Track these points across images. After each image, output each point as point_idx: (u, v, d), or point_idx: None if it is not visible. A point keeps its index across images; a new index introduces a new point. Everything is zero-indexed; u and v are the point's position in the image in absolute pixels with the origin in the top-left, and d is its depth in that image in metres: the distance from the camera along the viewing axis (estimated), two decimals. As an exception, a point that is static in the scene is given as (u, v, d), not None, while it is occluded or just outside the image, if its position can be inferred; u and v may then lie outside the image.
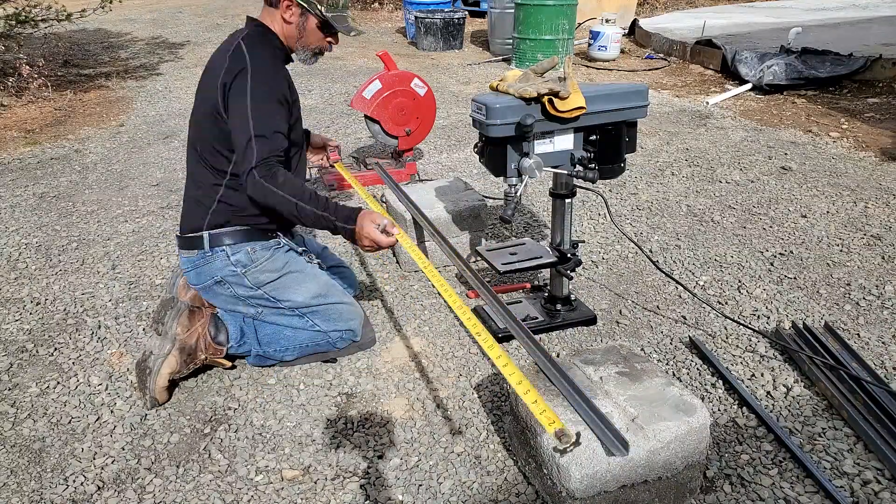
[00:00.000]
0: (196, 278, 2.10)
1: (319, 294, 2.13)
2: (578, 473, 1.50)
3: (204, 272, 2.08)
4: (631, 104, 2.12)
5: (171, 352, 2.02)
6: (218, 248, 2.04)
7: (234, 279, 2.07)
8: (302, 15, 2.04)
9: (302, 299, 2.11)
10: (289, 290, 2.10)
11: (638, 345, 2.32)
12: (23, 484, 1.80)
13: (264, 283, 2.08)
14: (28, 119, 5.33)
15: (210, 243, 2.04)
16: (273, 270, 2.09)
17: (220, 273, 2.06)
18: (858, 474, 1.74)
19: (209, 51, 8.48)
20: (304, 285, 2.12)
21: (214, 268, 2.06)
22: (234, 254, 2.04)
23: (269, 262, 2.08)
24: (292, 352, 2.16)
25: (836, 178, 3.76)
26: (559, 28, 6.80)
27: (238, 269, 2.05)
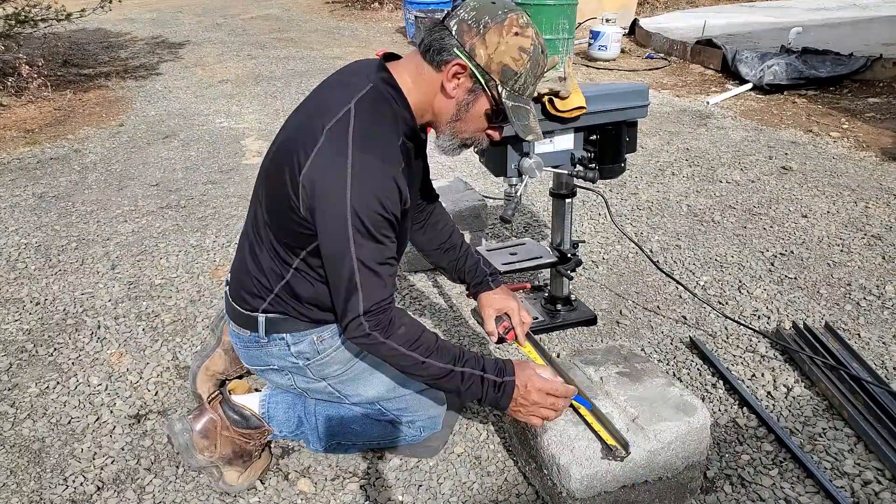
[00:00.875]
0: (247, 358, 1.73)
1: (396, 385, 1.69)
2: (579, 474, 1.50)
3: (257, 357, 1.69)
4: (631, 104, 2.12)
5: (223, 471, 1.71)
6: (276, 335, 1.62)
7: (295, 370, 1.67)
8: (472, 92, 1.43)
9: (375, 393, 1.69)
10: (358, 382, 1.68)
11: (638, 345, 2.32)
12: (22, 484, 1.79)
13: (330, 375, 1.67)
14: (27, 119, 5.33)
15: (266, 329, 1.62)
16: (342, 361, 1.66)
17: (279, 363, 1.67)
18: (859, 474, 1.74)
19: (209, 50, 8.50)
20: (376, 376, 1.68)
21: (270, 354, 1.66)
22: (294, 343, 1.62)
23: (339, 353, 1.64)
24: (360, 447, 1.81)
25: (836, 177, 3.76)
26: (559, 27, 6.77)
27: (300, 360, 1.64)
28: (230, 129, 5.00)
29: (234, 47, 8.21)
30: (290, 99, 5.78)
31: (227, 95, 6.00)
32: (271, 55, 7.66)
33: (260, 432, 1.74)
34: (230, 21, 10.35)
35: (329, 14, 10.98)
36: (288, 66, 7.07)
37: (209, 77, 6.75)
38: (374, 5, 11.18)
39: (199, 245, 3.15)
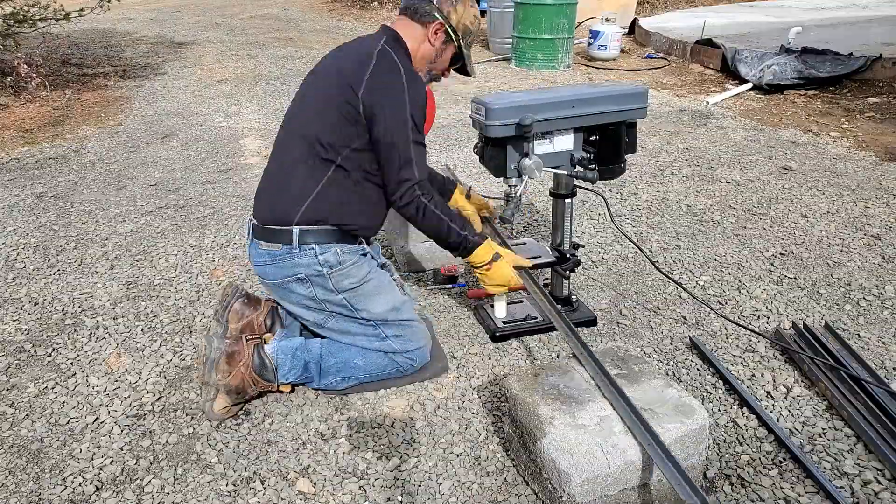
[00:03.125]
0: (274, 272, 1.99)
1: (395, 308, 2.04)
2: (579, 478, 1.49)
3: (286, 267, 1.96)
4: (631, 105, 2.12)
5: (217, 396, 1.94)
6: (306, 246, 1.94)
7: (319, 279, 1.96)
8: (445, 42, 2.06)
9: (380, 311, 2.02)
10: (368, 298, 2.01)
11: (638, 345, 2.32)
12: (21, 484, 1.79)
13: (346, 288, 1.98)
14: (26, 119, 5.32)
15: (299, 239, 1.93)
16: (357, 276, 1.99)
17: (305, 271, 1.95)
18: (858, 474, 1.74)
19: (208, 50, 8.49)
20: (383, 296, 2.03)
21: (299, 264, 1.95)
22: (322, 253, 1.94)
23: (355, 268, 1.98)
24: (360, 382, 2.06)
25: (836, 177, 3.76)
26: (559, 27, 6.79)
27: (325, 269, 1.94)
28: (229, 129, 5.00)
29: (234, 47, 8.20)
30: (289, 98, 5.73)
31: (226, 95, 5.99)
32: (270, 55, 7.66)
33: (266, 384, 2.00)
34: (229, 20, 10.34)
35: (328, 14, 10.97)
36: (287, 66, 7.07)
37: (208, 77, 6.75)
38: (373, 5, 11.18)
39: (198, 245, 3.15)
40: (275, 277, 2.00)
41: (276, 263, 1.97)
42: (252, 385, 1.98)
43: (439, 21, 2.02)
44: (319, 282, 1.97)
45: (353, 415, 2.01)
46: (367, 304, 2.01)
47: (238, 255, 3.04)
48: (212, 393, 1.94)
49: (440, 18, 2.02)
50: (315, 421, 1.99)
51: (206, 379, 1.94)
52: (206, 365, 1.95)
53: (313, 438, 1.92)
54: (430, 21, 2.02)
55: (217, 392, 1.94)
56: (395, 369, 2.07)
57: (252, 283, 2.80)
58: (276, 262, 1.97)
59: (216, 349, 1.97)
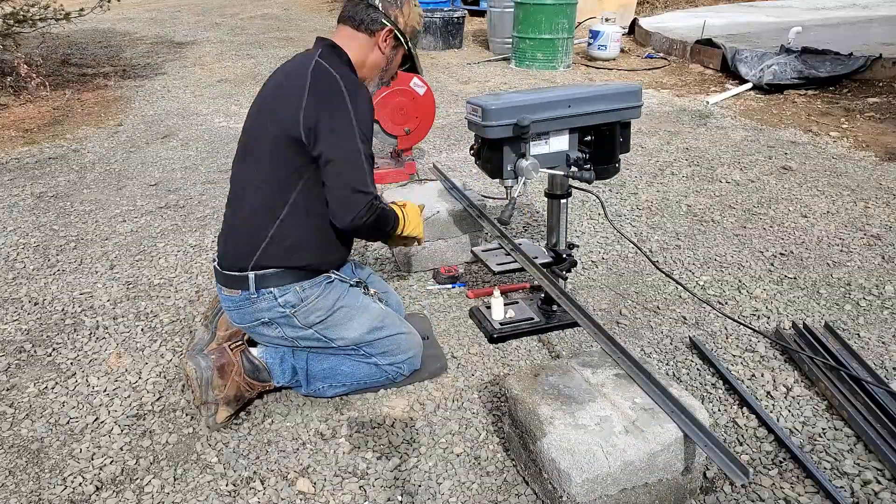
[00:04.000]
0: (239, 318, 1.95)
1: (374, 327, 2.00)
2: (579, 478, 1.49)
3: (248, 313, 1.92)
4: (625, 104, 2.12)
5: (218, 409, 1.93)
6: (264, 290, 1.88)
7: (283, 320, 1.91)
8: (395, 48, 2.00)
9: (356, 335, 1.98)
10: (340, 326, 1.96)
11: (638, 345, 2.32)
12: (21, 484, 1.79)
13: (314, 322, 1.93)
14: (26, 118, 5.32)
15: (256, 285, 1.87)
16: (323, 308, 1.93)
17: (268, 315, 1.91)
18: (858, 474, 1.74)
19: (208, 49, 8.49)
20: (357, 320, 1.98)
21: (260, 309, 1.90)
22: (281, 295, 1.88)
23: (320, 300, 1.92)
24: (349, 388, 2.05)
25: (836, 177, 3.75)
26: (559, 27, 6.79)
27: (287, 309, 1.89)
28: (229, 129, 5.00)
29: (234, 47, 8.20)
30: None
31: (226, 95, 5.99)
32: (270, 54, 7.66)
33: (262, 385, 1.99)
34: (229, 21, 10.34)
35: (328, 13, 10.97)
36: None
37: (208, 76, 6.75)
38: (373, 5, 11.16)
39: (197, 245, 3.14)
40: (241, 322, 1.97)
41: (239, 309, 1.93)
42: (248, 389, 1.97)
43: (388, 27, 1.95)
44: (285, 322, 1.92)
45: (353, 415, 2.01)
46: (341, 332, 1.97)
47: (238, 255, 3.03)
48: (212, 409, 1.92)
49: (388, 24, 1.95)
50: (315, 421, 1.99)
51: (205, 399, 1.91)
52: (202, 387, 1.90)
53: (313, 438, 1.92)
54: (378, 28, 1.95)
55: (217, 407, 1.92)
56: (383, 377, 2.05)
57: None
58: (238, 308, 1.93)
59: (206, 368, 1.92)
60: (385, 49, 1.98)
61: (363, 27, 1.95)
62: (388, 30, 1.95)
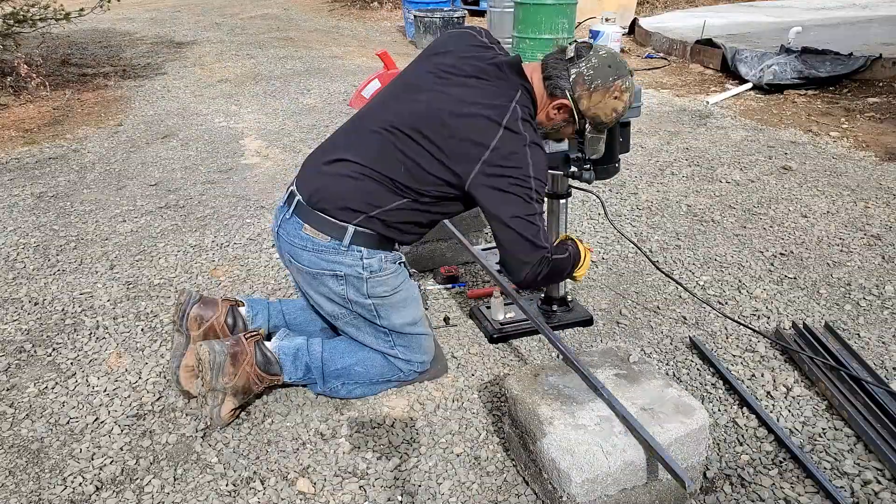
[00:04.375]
0: (312, 261, 1.90)
1: (415, 322, 2.03)
2: (579, 478, 1.49)
3: (326, 260, 1.88)
4: None
5: (225, 399, 1.92)
6: (355, 247, 1.86)
7: (356, 281, 1.90)
8: (566, 121, 1.87)
9: (400, 322, 2.00)
10: (394, 309, 1.98)
11: (638, 345, 2.32)
12: (21, 484, 1.79)
13: (378, 294, 1.94)
14: (26, 118, 5.32)
15: (351, 239, 1.86)
16: (391, 285, 1.95)
17: (346, 270, 1.88)
18: (858, 474, 1.74)
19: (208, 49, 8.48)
20: (407, 309, 2.01)
21: (341, 262, 1.88)
22: (368, 257, 1.88)
23: (392, 277, 1.94)
24: (361, 388, 2.05)
25: (836, 177, 3.75)
26: (559, 27, 6.78)
27: (365, 272, 1.89)
28: (229, 129, 5.00)
29: (234, 47, 8.20)
30: (289, 98, 5.77)
31: (226, 95, 5.99)
32: (270, 55, 7.66)
33: (271, 379, 1.99)
34: (229, 20, 10.34)
35: (328, 13, 10.97)
36: (287, 66, 7.06)
37: (208, 76, 6.75)
38: (373, 4, 11.18)
39: (198, 245, 3.14)
40: (310, 265, 1.92)
41: (317, 253, 1.89)
42: (257, 382, 1.96)
43: (565, 101, 1.81)
44: (355, 283, 1.91)
45: (353, 415, 2.01)
46: (392, 313, 1.99)
47: (238, 256, 3.04)
48: (219, 398, 1.91)
49: (568, 99, 1.80)
50: (315, 421, 1.99)
51: (214, 385, 1.90)
52: (213, 370, 1.90)
53: (313, 438, 1.92)
54: (557, 94, 1.82)
55: (224, 396, 1.92)
56: (394, 375, 2.06)
57: (252, 282, 2.80)
58: (316, 252, 1.89)
59: (220, 352, 1.92)
60: (554, 116, 1.87)
61: (548, 83, 1.83)
62: (566, 104, 1.82)
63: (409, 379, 2.09)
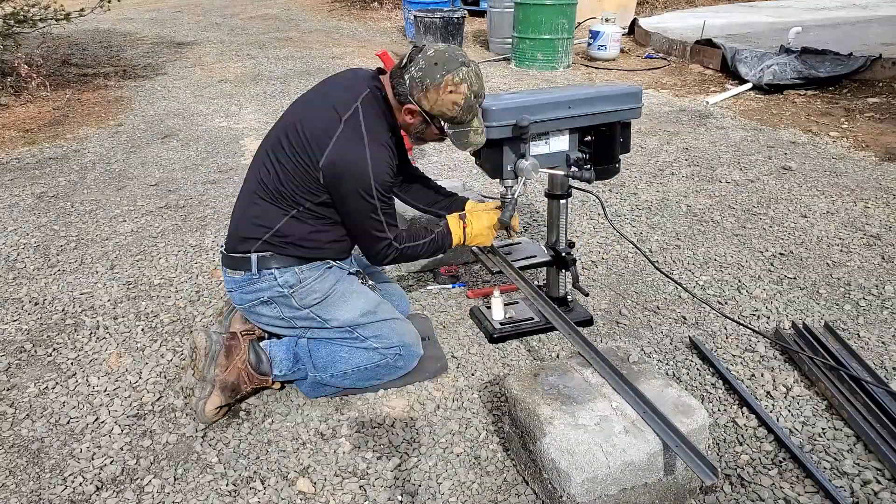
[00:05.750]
0: (240, 298, 2.04)
1: (368, 311, 2.05)
2: (579, 478, 1.49)
3: (249, 292, 2.00)
4: (625, 105, 2.12)
5: (213, 392, 1.94)
6: (265, 271, 1.96)
7: (281, 300, 1.99)
8: (423, 122, 1.93)
9: (349, 317, 2.03)
10: (335, 307, 2.02)
11: (638, 345, 2.32)
12: (21, 484, 1.79)
13: (311, 303, 2.00)
14: (26, 119, 5.32)
15: (258, 266, 1.96)
16: (320, 290, 2.01)
17: (268, 293, 1.99)
18: (858, 474, 1.74)
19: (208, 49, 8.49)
20: (351, 302, 2.04)
21: (260, 289, 1.98)
22: (281, 275, 1.97)
23: (317, 283, 2.00)
24: (350, 377, 2.05)
25: (836, 177, 3.76)
26: (559, 27, 6.79)
27: (285, 289, 1.97)
28: (229, 129, 5.00)
29: (234, 47, 8.20)
30: (289, 99, 5.77)
31: (227, 95, 5.99)
32: (270, 55, 7.66)
33: (260, 380, 2.02)
34: (229, 21, 10.34)
35: (328, 14, 10.98)
36: (287, 66, 7.07)
37: (208, 77, 6.75)
38: (373, 5, 11.18)
39: (198, 245, 3.15)
40: (241, 303, 2.05)
41: (240, 290, 2.01)
42: (247, 381, 2.00)
43: (410, 106, 1.89)
44: (283, 301, 2.00)
45: (353, 415, 2.01)
46: (335, 312, 2.03)
47: (238, 255, 3.04)
48: (207, 389, 1.95)
49: (412, 103, 1.88)
50: (315, 421, 1.99)
51: (205, 373, 1.95)
52: (207, 358, 1.97)
53: (313, 438, 1.92)
54: (404, 101, 1.90)
55: (212, 389, 1.94)
56: (382, 361, 2.05)
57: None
58: (240, 289, 2.01)
59: (216, 342, 2.00)
60: (411, 121, 1.94)
61: (395, 91, 1.91)
62: (411, 108, 1.90)
63: (398, 366, 2.08)
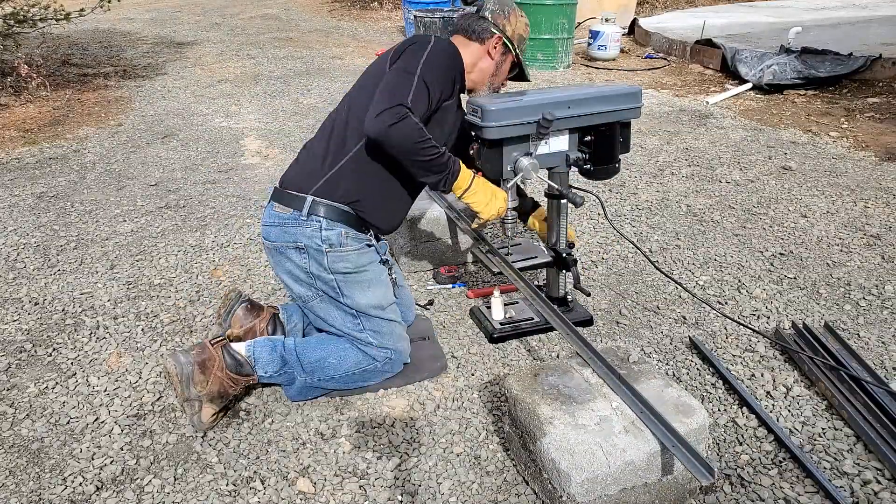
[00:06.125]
0: (277, 235, 2.00)
1: (380, 305, 2.05)
2: (579, 478, 1.49)
3: (289, 233, 1.97)
4: (624, 105, 2.12)
5: (203, 406, 1.93)
6: (315, 217, 1.95)
7: (316, 254, 1.96)
8: (503, 54, 2.13)
9: (365, 303, 2.02)
10: (358, 288, 2.01)
11: (638, 345, 2.32)
12: (21, 484, 1.79)
13: (340, 270, 1.98)
14: (26, 119, 5.32)
15: (309, 209, 1.95)
16: (353, 263, 2.00)
17: (306, 241, 1.96)
18: (858, 474, 1.74)
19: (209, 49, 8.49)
20: (373, 290, 2.04)
21: (302, 233, 1.96)
22: (327, 228, 1.95)
23: (355, 254, 2.00)
24: (338, 380, 2.04)
25: (836, 177, 3.76)
26: (559, 27, 6.80)
27: (325, 245, 1.95)
28: (229, 129, 5.00)
29: (234, 47, 8.20)
30: (289, 99, 5.77)
31: (227, 95, 6.00)
32: (270, 55, 7.66)
33: (245, 379, 1.99)
34: (229, 21, 10.34)
35: (328, 14, 10.98)
36: (287, 66, 7.07)
37: (208, 77, 6.75)
38: (373, 5, 11.18)
39: (198, 245, 3.15)
40: (276, 239, 2.01)
41: (282, 226, 1.99)
42: (232, 385, 1.97)
43: (497, 35, 2.09)
44: (316, 256, 1.97)
45: (353, 414, 2.01)
46: (355, 292, 2.01)
47: (238, 255, 3.04)
48: (196, 406, 1.92)
49: (497, 32, 2.09)
50: (315, 421, 1.99)
51: (187, 395, 1.91)
52: (183, 382, 1.91)
53: (313, 438, 1.92)
54: (488, 37, 2.09)
55: (201, 404, 1.92)
56: (370, 364, 2.04)
57: (252, 282, 2.80)
58: (281, 225, 1.99)
59: (186, 363, 1.92)
60: (495, 55, 2.11)
61: (474, 36, 2.10)
62: (498, 37, 2.09)
63: (385, 371, 2.08)
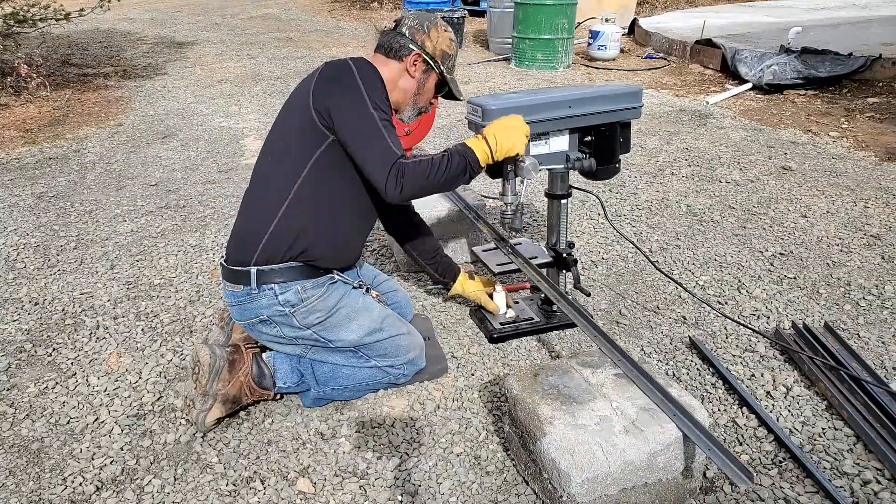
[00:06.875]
0: (239, 314, 1.95)
1: (374, 329, 1.99)
2: (579, 478, 1.49)
3: (248, 309, 1.92)
4: (625, 105, 2.12)
5: (214, 406, 1.92)
6: (265, 286, 1.88)
7: (281, 319, 1.91)
8: (425, 72, 2.02)
9: (355, 337, 1.97)
10: (340, 328, 1.96)
11: (638, 345, 2.32)
12: (21, 484, 1.79)
13: (313, 323, 1.93)
14: (26, 119, 5.32)
15: (257, 280, 1.88)
16: (323, 309, 1.93)
17: (267, 312, 1.90)
18: (858, 474, 1.74)
19: (208, 49, 8.49)
20: (357, 321, 1.98)
21: (260, 306, 1.90)
22: (282, 293, 1.88)
23: (320, 301, 1.92)
24: (352, 391, 2.03)
25: (836, 177, 3.76)
26: (559, 27, 6.80)
27: (286, 308, 1.89)
28: (229, 129, 5.00)
29: (234, 47, 8.20)
30: (289, 98, 5.77)
31: (227, 95, 6.00)
32: (270, 55, 7.66)
33: (261, 393, 2.00)
34: (229, 21, 10.34)
35: (328, 14, 10.98)
36: (287, 66, 7.07)
37: (208, 77, 6.75)
38: (373, 5, 11.18)
39: (198, 245, 3.15)
40: (240, 318, 1.96)
41: (239, 305, 1.93)
42: (248, 394, 1.97)
43: (416, 52, 1.98)
44: (283, 321, 1.92)
45: (353, 415, 2.01)
46: (340, 333, 1.96)
47: (238, 255, 3.04)
48: (208, 403, 1.91)
49: (416, 49, 1.98)
50: (315, 421, 1.99)
51: (207, 389, 1.90)
52: (211, 373, 1.91)
53: (313, 438, 1.92)
54: (406, 54, 1.98)
55: (213, 402, 1.92)
56: (384, 378, 2.05)
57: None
58: (238, 304, 1.93)
59: (220, 357, 1.94)
60: (415, 73, 2.00)
61: (392, 53, 2.00)
62: (416, 54, 1.98)
63: (399, 382, 2.07)
